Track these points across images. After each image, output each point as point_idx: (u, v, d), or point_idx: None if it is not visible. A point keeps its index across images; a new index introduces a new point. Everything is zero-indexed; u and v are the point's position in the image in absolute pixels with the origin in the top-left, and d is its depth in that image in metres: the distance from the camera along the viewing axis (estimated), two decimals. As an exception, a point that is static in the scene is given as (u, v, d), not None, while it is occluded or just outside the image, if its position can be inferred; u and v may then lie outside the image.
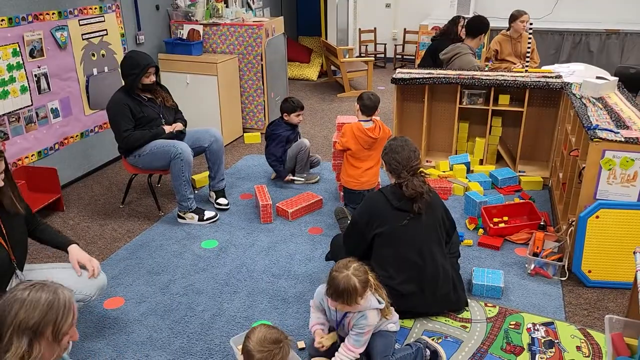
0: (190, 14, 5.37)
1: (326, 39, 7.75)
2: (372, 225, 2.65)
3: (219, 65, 5.06)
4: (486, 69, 5.09)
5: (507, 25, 5.58)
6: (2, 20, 3.63)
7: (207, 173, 4.17)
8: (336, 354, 2.34)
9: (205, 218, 3.77)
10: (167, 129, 3.78)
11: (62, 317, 1.61)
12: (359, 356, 2.34)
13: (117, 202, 4.13)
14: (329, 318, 2.44)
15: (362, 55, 8.78)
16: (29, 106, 3.91)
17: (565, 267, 3.08)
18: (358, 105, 3.69)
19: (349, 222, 3.37)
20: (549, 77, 4.28)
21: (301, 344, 2.58)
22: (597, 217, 2.89)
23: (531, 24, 4.48)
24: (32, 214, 2.55)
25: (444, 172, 4.38)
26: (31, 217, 2.54)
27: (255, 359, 1.96)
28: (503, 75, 4.40)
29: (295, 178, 4.37)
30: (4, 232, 2.27)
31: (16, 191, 2.34)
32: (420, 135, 4.57)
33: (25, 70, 3.84)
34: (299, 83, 7.77)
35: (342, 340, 2.38)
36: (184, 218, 3.79)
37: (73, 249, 2.53)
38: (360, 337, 2.30)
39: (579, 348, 2.55)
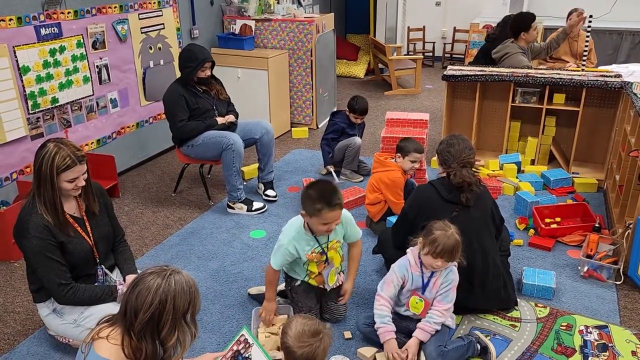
0: (242, 10, 5.48)
1: (375, 36, 7.73)
2: (421, 217, 2.65)
3: (270, 60, 5.13)
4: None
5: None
6: (69, 12, 3.80)
7: (255, 165, 4.25)
8: (428, 319, 2.39)
9: (253, 209, 3.85)
10: (220, 120, 3.87)
11: (198, 297, 1.67)
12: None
13: (169, 191, 4.26)
14: (410, 287, 2.45)
15: (410, 53, 8.72)
16: (90, 96, 4.09)
17: (621, 270, 2.99)
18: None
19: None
20: (607, 77, 4.15)
21: (347, 334, 2.60)
22: (658, 220, 2.79)
23: (590, 22, 4.33)
24: (120, 230, 2.68)
25: (493, 171, 4.32)
26: (118, 232, 2.66)
27: (297, 355, 1.82)
28: (559, 74, 4.29)
29: (337, 175, 4.37)
30: (89, 229, 2.43)
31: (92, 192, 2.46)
32: (470, 134, 4.51)
33: (87, 61, 4.01)
34: (346, 80, 7.79)
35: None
36: (233, 208, 3.87)
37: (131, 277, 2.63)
38: (449, 293, 2.42)
39: (634, 353, 2.47)
